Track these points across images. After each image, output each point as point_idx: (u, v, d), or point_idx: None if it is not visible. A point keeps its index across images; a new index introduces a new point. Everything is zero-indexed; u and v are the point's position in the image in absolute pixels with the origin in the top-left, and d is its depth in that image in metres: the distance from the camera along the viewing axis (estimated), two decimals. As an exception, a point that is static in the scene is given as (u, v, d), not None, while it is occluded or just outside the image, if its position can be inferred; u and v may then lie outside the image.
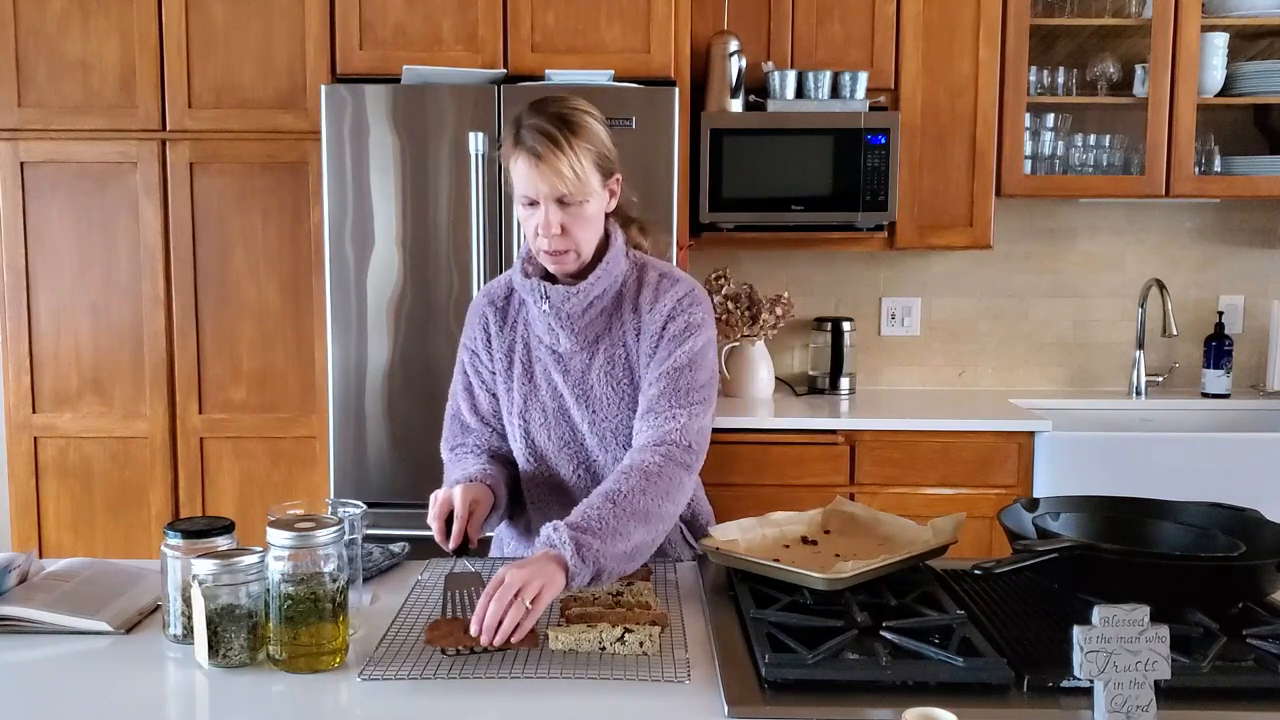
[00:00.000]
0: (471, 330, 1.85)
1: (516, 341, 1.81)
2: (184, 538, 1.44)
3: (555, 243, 1.66)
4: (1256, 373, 3.64)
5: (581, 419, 1.77)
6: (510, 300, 1.83)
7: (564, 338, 1.74)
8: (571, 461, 1.79)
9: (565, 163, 1.61)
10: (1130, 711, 1.13)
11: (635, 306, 1.75)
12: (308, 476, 3.15)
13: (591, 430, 1.77)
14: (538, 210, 1.65)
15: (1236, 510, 1.60)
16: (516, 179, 1.66)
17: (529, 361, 1.79)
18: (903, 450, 3.07)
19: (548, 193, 1.63)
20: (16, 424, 3.17)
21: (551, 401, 1.78)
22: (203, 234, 3.11)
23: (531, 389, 1.79)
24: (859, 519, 1.77)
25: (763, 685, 1.26)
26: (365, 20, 3.00)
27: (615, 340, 1.75)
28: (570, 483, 1.80)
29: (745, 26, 3.25)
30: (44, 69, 3.06)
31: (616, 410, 1.75)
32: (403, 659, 1.35)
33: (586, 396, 1.76)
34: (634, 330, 1.74)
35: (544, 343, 1.77)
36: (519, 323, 1.81)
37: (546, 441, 1.79)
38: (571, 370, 1.76)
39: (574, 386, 1.76)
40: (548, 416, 1.78)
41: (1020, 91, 3.25)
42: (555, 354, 1.77)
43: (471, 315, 1.86)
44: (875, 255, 3.60)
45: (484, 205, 2.88)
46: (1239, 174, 3.35)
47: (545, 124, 1.62)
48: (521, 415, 1.80)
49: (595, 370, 1.75)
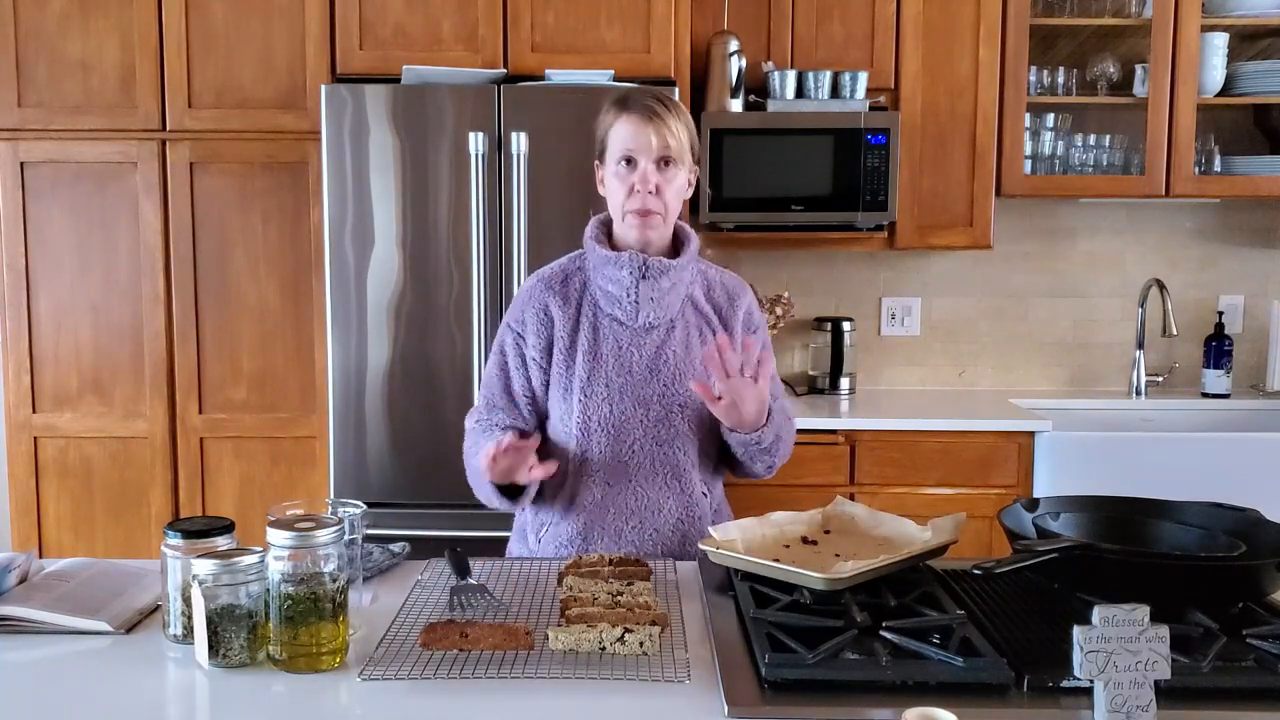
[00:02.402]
0: (521, 313, 1.90)
1: (582, 319, 1.87)
2: (184, 538, 1.44)
3: (650, 201, 1.79)
4: (1256, 373, 3.63)
5: (652, 392, 1.84)
6: (569, 282, 1.90)
7: (649, 310, 1.84)
8: (632, 434, 1.85)
9: (672, 124, 1.79)
10: (1130, 711, 1.13)
11: (709, 298, 1.93)
12: (308, 476, 3.15)
13: (660, 401, 1.84)
14: (635, 169, 1.79)
15: (1236, 510, 1.60)
16: (619, 138, 1.80)
17: (595, 338, 1.86)
18: (903, 450, 3.07)
19: (654, 149, 1.78)
20: (16, 424, 3.17)
21: (619, 376, 1.84)
22: (203, 234, 3.11)
23: (597, 363, 1.84)
24: (859, 519, 1.77)
25: (763, 685, 1.26)
26: (365, 20, 3.00)
27: (689, 321, 1.90)
28: (627, 456, 1.85)
29: (745, 26, 3.25)
30: (44, 69, 3.06)
31: (687, 380, 1.85)
32: (403, 659, 1.35)
33: (660, 370, 1.85)
34: (716, 319, 1.92)
35: (617, 318, 1.85)
36: (582, 302, 1.88)
37: (610, 414, 1.84)
38: (648, 344, 1.86)
39: (649, 360, 1.85)
40: (613, 390, 1.84)
41: (1020, 91, 3.26)
42: (631, 329, 1.86)
43: (525, 299, 1.91)
44: (875, 255, 3.60)
45: (484, 205, 2.88)
46: (1239, 174, 3.35)
47: (653, 97, 1.82)
48: (584, 389, 1.84)
49: (673, 345, 1.86)
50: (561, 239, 2.89)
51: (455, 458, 1.98)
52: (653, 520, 1.86)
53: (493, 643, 1.34)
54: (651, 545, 1.85)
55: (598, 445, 1.84)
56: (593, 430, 1.84)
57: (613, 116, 1.82)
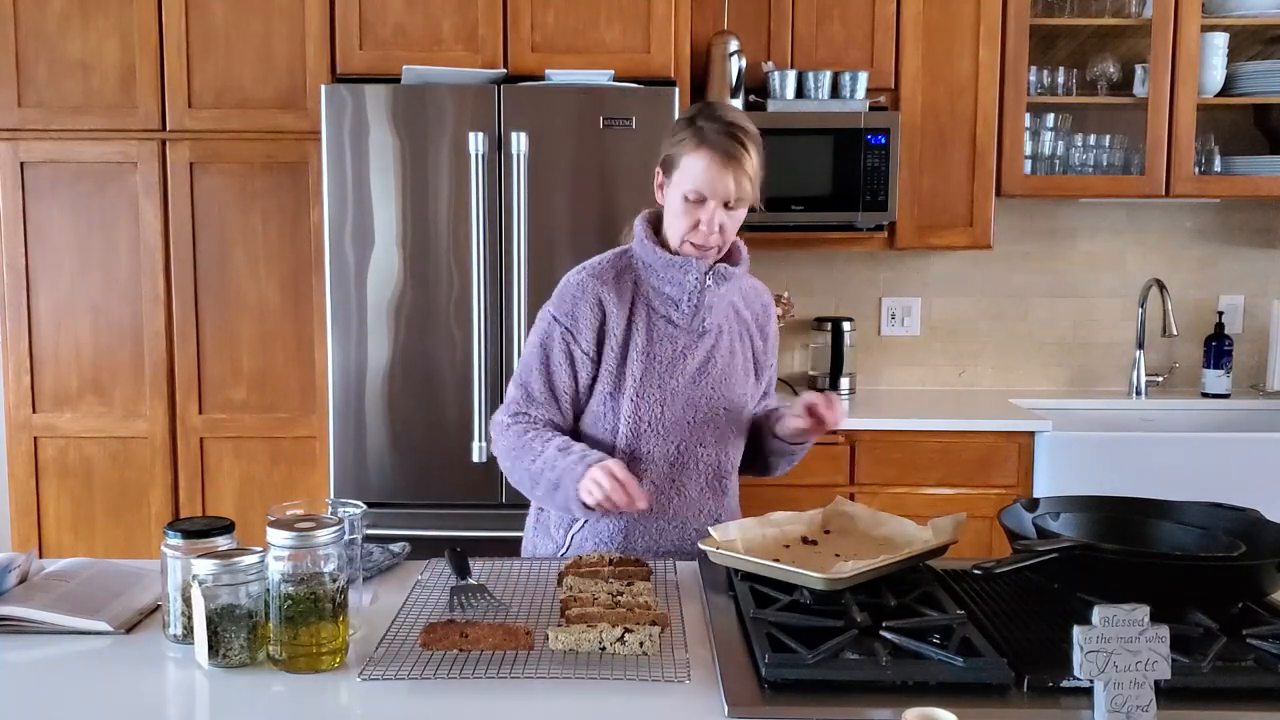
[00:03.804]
0: (575, 308, 1.85)
1: (636, 317, 1.86)
2: (184, 538, 1.44)
3: (711, 239, 1.80)
4: (1256, 373, 3.63)
5: (700, 394, 1.87)
6: (622, 279, 1.88)
7: (707, 315, 1.86)
8: (678, 435, 1.86)
9: (750, 165, 1.78)
10: (1130, 711, 1.13)
11: (747, 303, 1.98)
12: (308, 476, 3.15)
13: (707, 404, 1.87)
14: (703, 208, 1.79)
15: (1237, 510, 1.60)
16: (693, 175, 1.78)
17: (649, 338, 1.85)
18: (903, 450, 3.07)
19: (725, 194, 1.77)
20: (16, 424, 3.17)
21: (671, 379, 1.85)
22: (203, 234, 3.11)
23: (650, 364, 1.85)
24: (859, 519, 1.77)
25: (763, 685, 1.26)
26: (365, 20, 3.00)
27: (732, 323, 1.93)
28: (672, 459, 1.86)
29: (745, 26, 3.25)
30: (44, 69, 3.06)
31: (734, 387, 1.90)
32: (403, 659, 1.35)
33: (709, 372, 1.88)
34: (753, 324, 1.97)
35: (671, 320, 1.86)
36: (636, 300, 1.87)
37: (660, 415, 1.84)
38: (700, 348, 1.88)
39: (700, 363, 1.87)
40: (665, 392, 1.85)
41: (1020, 91, 3.25)
42: (685, 331, 1.87)
43: (574, 292, 1.87)
44: (875, 255, 3.60)
45: (484, 205, 2.88)
46: (1239, 174, 3.35)
47: (731, 128, 1.77)
48: (635, 390, 1.84)
49: (721, 350, 1.90)
50: (561, 239, 2.90)
51: (455, 457, 1.98)
52: (694, 521, 1.88)
53: (493, 643, 1.34)
54: (690, 546, 1.85)
55: (647, 446, 1.85)
56: (643, 431, 1.84)
57: (690, 144, 1.78)
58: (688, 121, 1.80)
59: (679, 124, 1.83)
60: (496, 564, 1.77)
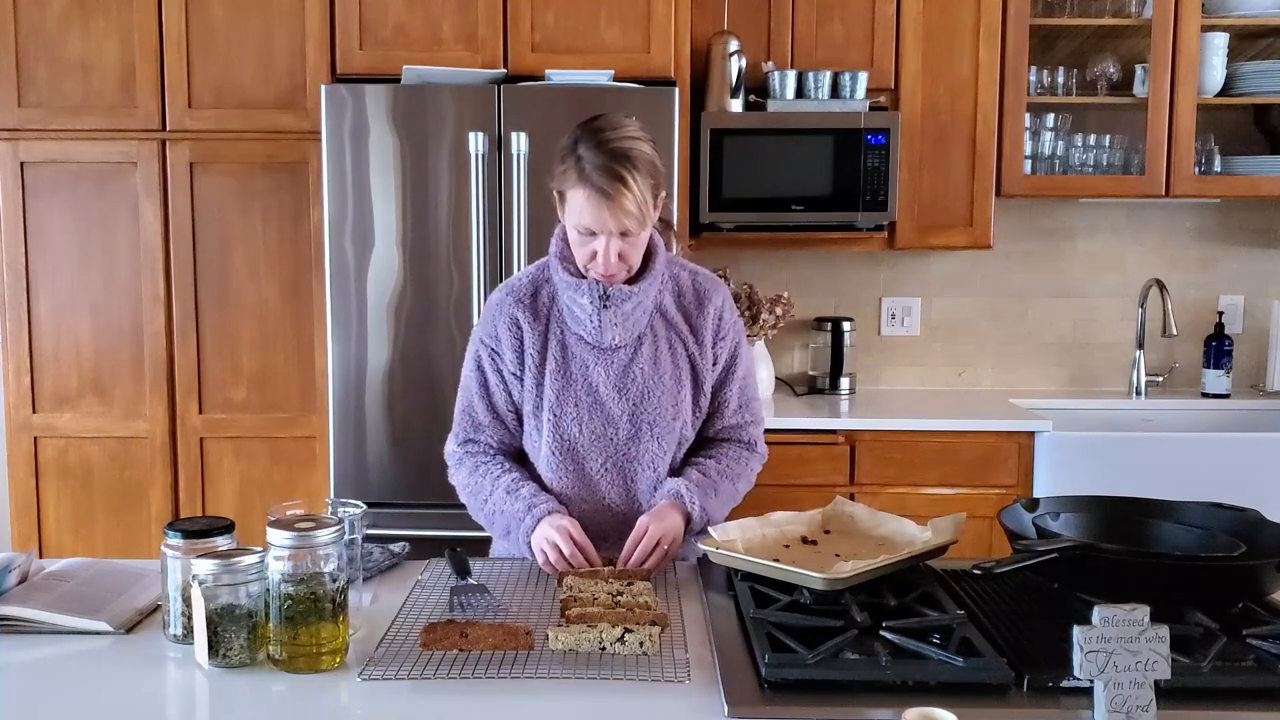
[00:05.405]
0: (493, 327, 1.85)
1: (550, 336, 1.83)
2: (184, 538, 1.44)
3: (612, 268, 1.73)
4: (1256, 373, 3.63)
5: (620, 411, 1.81)
6: (538, 296, 1.85)
7: (614, 333, 1.79)
8: (602, 454, 1.82)
9: (630, 200, 1.67)
10: (1130, 711, 1.13)
11: (679, 305, 1.86)
12: (308, 476, 3.15)
13: (629, 420, 1.81)
14: (596, 239, 1.72)
15: (1237, 510, 1.60)
16: (577, 211, 1.70)
17: (564, 357, 1.82)
18: (903, 450, 3.07)
19: (613, 229, 1.69)
20: (16, 424, 3.17)
21: (587, 395, 1.81)
22: (203, 234, 3.11)
23: (566, 383, 1.81)
24: (859, 519, 1.77)
25: (763, 685, 1.26)
26: (365, 20, 3.00)
27: (658, 334, 1.84)
28: (596, 475, 1.83)
29: (745, 26, 3.25)
30: (44, 69, 3.06)
31: (658, 401, 1.82)
32: (403, 659, 1.35)
33: (628, 388, 1.81)
34: (685, 326, 1.86)
35: (584, 338, 1.81)
36: (550, 318, 1.84)
37: (579, 434, 1.82)
38: (615, 363, 1.82)
39: (616, 379, 1.82)
40: (582, 410, 1.81)
41: (1020, 91, 3.25)
42: (597, 349, 1.81)
43: (494, 312, 1.86)
44: (875, 255, 3.60)
45: (484, 205, 2.88)
46: (1239, 174, 3.35)
47: (609, 161, 1.67)
48: (553, 410, 1.81)
49: (640, 363, 1.82)
50: (561, 239, 2.90)
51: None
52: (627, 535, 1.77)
53: (493, 643, 1.34)
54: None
55: (567, 466, 1.83)
56: (567, 449, 1.82)
57: (573, 177, 1.70)
58: (570, 149, 1.71)
59: (563, 149, 1.73)
60: (496, 564, 1.77)
